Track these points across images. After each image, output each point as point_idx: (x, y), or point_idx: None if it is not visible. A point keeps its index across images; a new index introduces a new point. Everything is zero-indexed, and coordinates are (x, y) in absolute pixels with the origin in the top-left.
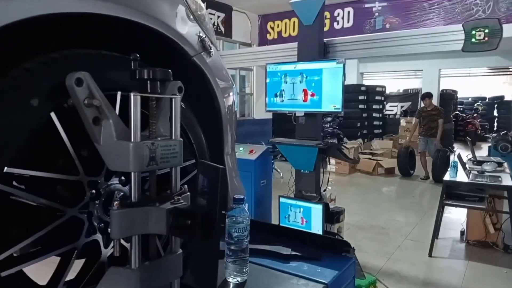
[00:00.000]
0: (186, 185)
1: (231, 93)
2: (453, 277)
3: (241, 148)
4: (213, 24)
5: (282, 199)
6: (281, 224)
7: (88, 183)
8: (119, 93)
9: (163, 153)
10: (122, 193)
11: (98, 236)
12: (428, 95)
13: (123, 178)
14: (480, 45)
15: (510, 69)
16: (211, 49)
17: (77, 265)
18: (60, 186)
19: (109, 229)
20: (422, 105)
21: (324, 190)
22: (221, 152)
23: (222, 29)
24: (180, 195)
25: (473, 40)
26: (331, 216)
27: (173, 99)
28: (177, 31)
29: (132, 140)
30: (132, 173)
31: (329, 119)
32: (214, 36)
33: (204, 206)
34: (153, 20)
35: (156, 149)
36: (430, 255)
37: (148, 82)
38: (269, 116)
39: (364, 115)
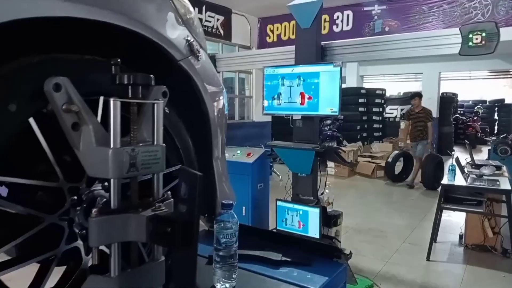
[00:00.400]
0: (169, 191)
1: (221, 97)
2: (451, 281)
3: (238, 151)
4: (212, 27)
5: (279, 203)
6: (278, 228)
7: (68, 189)
8: (101, 98)
9: (144, 159)
10: (104, 199)
11: (79, 243)
12: (418, 95)
13: (106, 184)
14: (477, 48)
15: (511, 72)
16: (199, 53)
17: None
18: (39, 193)
19: None
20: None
21: (322, 194)
22: (209, 156)
23: (222, 32)
24: (163, 201)
25: (470, 43)
26: (329, 219)
27: (155, 105)
28: (162, 35)
29: (112, 146)
30: (112, 180)
31: (328, 122)
32: (204, 40)
33: (184, 213)
34: (137, 23)
35: (137, 155)
36: (428, 259)
37: (129, 87)
38: (269, 119)
39: (364, 118)
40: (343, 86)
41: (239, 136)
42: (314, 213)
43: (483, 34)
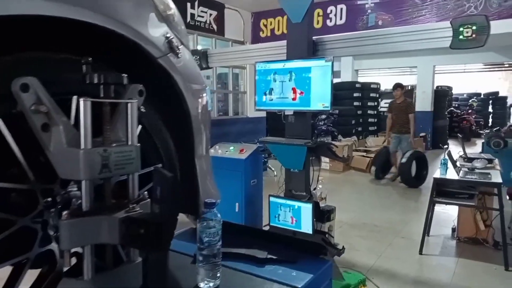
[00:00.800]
0: (146, 192)
1: (203, 95)
2: (443, 274)
3: (231, 147)
4: (205, 22)
5: (272, 198)
6: (271, 224)
7: (42, 191)
8: (74, 98)
9: (118, 159)
10: (80, 201)
11: (54, 246)
12: (400, 86)
13: None
14: (468, 42)
15: (505, 65)
16: (179, 50)
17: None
18: (12, 195)
19: None
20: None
21: (314, 189)
22: (192, 155)
23: (215, 27)
24: (138, 202)
25: (461, 37)
26: (322, 214)
27: (129, 104)
28: (139, 32)
29: (83, 147)
30: (83, 182)
31: (323, 116)
32: (186, 37)
33: (158, 214)
34: (111, 21)
35: (109, 156)
36: (420, 252)
37: (101, 86)
38: (263, 114)
39: (359, 112)
40: (338, 80)
41: (234, 132)
42: (306, 209)
43: (474, 28)
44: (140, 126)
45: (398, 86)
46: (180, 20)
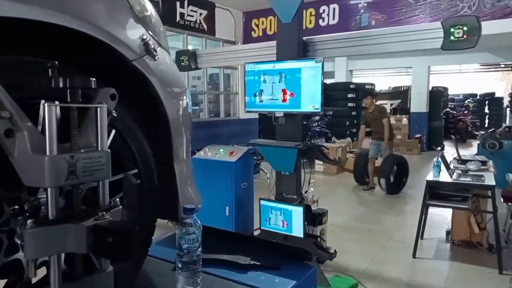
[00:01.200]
0: (118, 199)
1: (183, 97)
2: (436, 279)
3: (221, 150)
4: (195, 22)
5: (262, 202)
6: (262, 227)
7: (8, 199)
8: (42, 102)
9: (86, 166)
10: None
11: (21, 255)
12: (370, 94)
13: None
14: (459, 43)
15: (502, 65)
16: (156, 52)
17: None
18: None
19: None
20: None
21: (306, 192)
22: (170, 159)
23: (205, 26)
24: (108, 210)
25: (452, 38)
26: (313, 218)
27: (98, 109)
28: (112, 35)
29: (48, 153)
30: (49, 189)
31: (317, 118)
32: (164, 39)
33: (126, 222)
34: (81, 23)
35: (77, 162)
36: (414, 256)
37: (67, 90)
38: (255, 115)
39: (353, 113)
40: (332, 81)
41: (226, 134)
42: (297, 212)
43: (465, 28)
44: (113, 131)
45: (367, 94)
46: (159, 22)
